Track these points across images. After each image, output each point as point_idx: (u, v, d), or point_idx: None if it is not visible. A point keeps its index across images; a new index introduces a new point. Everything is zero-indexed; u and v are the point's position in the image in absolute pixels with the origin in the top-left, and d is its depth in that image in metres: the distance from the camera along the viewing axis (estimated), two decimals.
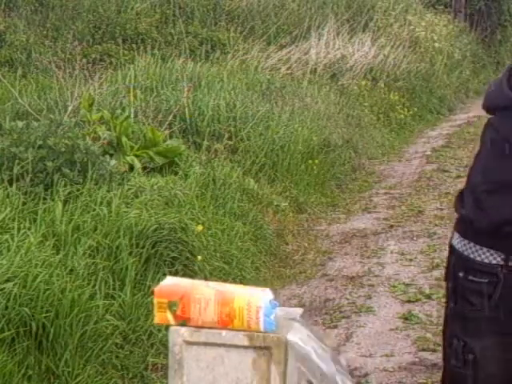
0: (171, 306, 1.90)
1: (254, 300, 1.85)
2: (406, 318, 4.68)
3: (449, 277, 2.30)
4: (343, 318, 4.71)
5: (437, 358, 4.14)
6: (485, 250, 2.17)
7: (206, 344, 1.84)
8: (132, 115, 6.80)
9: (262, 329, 1.85)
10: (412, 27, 14.67)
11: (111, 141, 5.97)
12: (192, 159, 6.27)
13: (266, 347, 1.82)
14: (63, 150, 4.88)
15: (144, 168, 5.87)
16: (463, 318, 2.23)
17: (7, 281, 3.54)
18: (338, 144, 8.67)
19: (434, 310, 4.80)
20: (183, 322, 1.90)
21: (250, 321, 1.85)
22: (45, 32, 11.25)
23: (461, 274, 2.22)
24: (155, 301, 1.92)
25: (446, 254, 2.30)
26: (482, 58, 19.40)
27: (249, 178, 6.62)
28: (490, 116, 2.25)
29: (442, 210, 7.19)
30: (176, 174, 5.93)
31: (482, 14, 20.05)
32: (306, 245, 6.12)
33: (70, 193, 4.72)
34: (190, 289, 1.89)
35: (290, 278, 5.38)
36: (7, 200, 4.42)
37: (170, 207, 5.08)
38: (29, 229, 4.15)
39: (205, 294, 1.87)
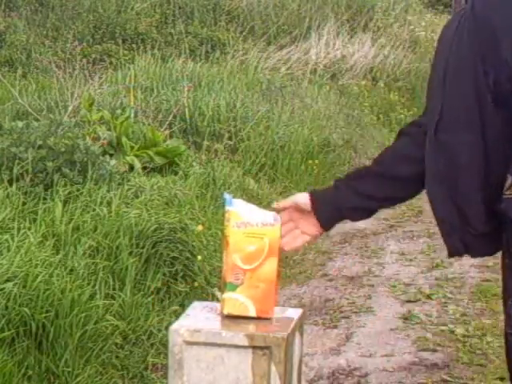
0: None
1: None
2: (405, 318, 4.67)
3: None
4: (343, 318, 4.70)
5: (437, 358, 4.14)
6: None
7: (205, 344, 1.84)
8: (132, 115, 6.80)
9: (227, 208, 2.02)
10: (412, 27, 14.66)
11: (111, 141, 5.97)
12: (192, 159, 6.27)
13: (266, 347, 1.81)
14: (63, 150, 4.88)
15: (144, 168, 5.87)
16: None
17: (7, 281, 3.54)
18: (338, 144, 8.66)
19: (433, 310, 4.80)
20: None
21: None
22: (45, 32, 11.26)
23: None
24: None
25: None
26: None
27: (249, 178, 6.62)
28: None
29: None
30: (176, 173, 5.92)
31: None
32: (306, 245, 6.12)
33: (69, 193, 4.71)
34: None
35: (290, 278, 5.38)
36: (7, 200, 4.42)
37: (170, 207, 5.08)
38: (29, 229, 4.15)
39: None
